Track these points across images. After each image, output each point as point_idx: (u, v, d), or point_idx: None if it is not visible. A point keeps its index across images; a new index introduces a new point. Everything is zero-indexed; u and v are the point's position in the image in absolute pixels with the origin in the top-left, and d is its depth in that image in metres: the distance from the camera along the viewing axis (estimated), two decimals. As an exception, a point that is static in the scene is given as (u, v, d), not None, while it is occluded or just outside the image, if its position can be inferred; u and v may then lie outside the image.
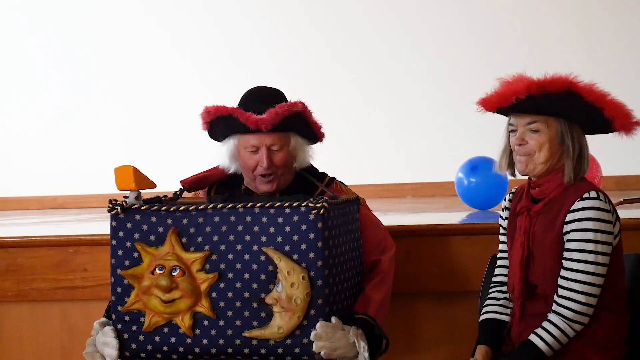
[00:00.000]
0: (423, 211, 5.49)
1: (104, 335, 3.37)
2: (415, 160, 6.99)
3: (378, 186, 5.04)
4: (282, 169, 3.49)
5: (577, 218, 3.14)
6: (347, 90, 6.88)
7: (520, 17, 6.99)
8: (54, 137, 7.40)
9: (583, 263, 3.12)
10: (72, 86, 7.45)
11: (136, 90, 7.41)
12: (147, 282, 3.30)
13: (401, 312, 3.83)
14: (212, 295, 3.27)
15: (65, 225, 5.46)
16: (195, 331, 3.29)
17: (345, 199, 3.43)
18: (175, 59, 7.41)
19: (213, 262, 3.28)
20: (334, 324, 3.22)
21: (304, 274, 3.20)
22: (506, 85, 3.20)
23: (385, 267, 3.50)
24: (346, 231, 3.36)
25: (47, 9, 7.56)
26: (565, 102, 3.14)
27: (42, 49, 7.51)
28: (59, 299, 4.23)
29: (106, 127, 7.40)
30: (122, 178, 3.40)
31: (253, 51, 7.30)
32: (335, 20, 7.23)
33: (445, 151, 6.81)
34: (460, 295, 3.95)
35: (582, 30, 6.93)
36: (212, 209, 3.30)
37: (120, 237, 3.34)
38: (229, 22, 7.38)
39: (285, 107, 3.40)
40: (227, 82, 7.11)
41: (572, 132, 3.18)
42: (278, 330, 3.23)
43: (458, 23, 7.05)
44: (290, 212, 3.22)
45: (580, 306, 3.12)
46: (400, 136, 7.08)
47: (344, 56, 7.18)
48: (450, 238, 3.97)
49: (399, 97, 7.09)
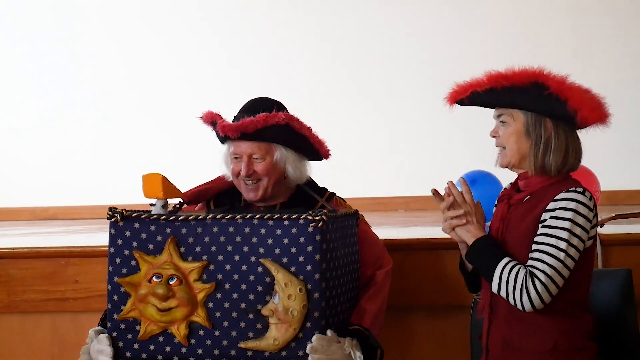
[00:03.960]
0: (415, 225, 5.49)
1: (98, 343, 3.37)
2: (407, 173, 7.00)
3: (370, 199, 5.05)
4: (265, 178, 3.51)
5: (560, 207, 3.10)
6: (337, 102, 6.90)
7: (517, 30, 7.04)
8: (45, 148, 7.38)
9: (554, 248, 3.08)
10: (63, 98, 7.43)
11: (127, 103, 7.40)
12: (144, 290, 3.31)
13: (393, 326, 3.83)
14: (209, 305, 3.28)
15: (57, 236, 5.46)
16: (190, 341, 3.30)
17: (344, 212, 3.45)
18: (168, 71, 7.39)
19: (210, 272, 3.29)
20: (330, 337, 3.24)
21: (301, 286, 3.21)
22: (473, 79, 3.22)
23: (380, 280, 3.52)
24: (344, 245, 3.38)
25: (38, 16, 7.53)
26: (529, 94, 3.14)
27: (33, 59, 7.49)
28: (49, 310, 4.22)
29: (98, 139, 7.38)
30: (150, 186, 3.41)
31: (241, 64, 7.32)
32: (325, 33, 7.25)
33: (436, 164, 6.83)
34: (452, 310, 3.95)
35: (580, 41, 6.98)
36: (211, 219, 3.32)
37: (119, 245, 3.35)
38: (227, 28, 7.39)
39: (263, 117, 3.43)
40: (220, 89, 7.15)
41: (539, 124, 3.15)
42: (274, 341, 3.24)
43: (451, 38, 7.09)
44: (289, 224, 3.24)
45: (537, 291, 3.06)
46: (391, 149, 7.10)
47: (334, 70, 7.20)
48: (443, 252, 3.97)
49: (391, 109, 7.11)
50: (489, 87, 3.18)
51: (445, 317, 4.00)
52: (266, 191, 3.53)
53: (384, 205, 6.70)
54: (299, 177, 3.58)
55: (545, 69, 3.18)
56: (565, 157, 3.17)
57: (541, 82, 3.14)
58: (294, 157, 3.54)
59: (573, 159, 3.19)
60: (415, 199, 6.89)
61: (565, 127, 3.17)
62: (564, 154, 3.17)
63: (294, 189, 3.61)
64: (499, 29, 7.05)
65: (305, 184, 3.61)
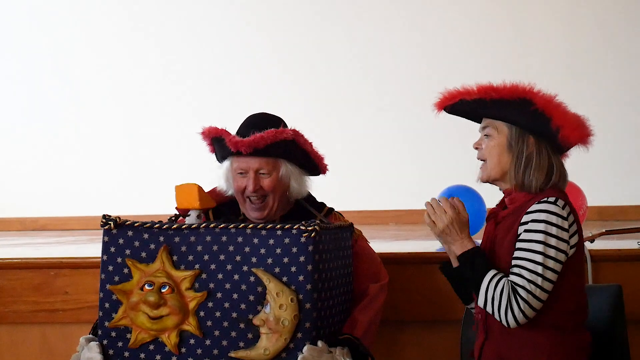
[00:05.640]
0: (406, 239, 5.50)
1: (89, 351, 3.36)
2: (398, 187, 6.99)
3: (361, 212, 5.06)
4: (271, 194, 3.52)
5: (531, 219, 3.12)
6: (328, 116, 6.91)
7: (504, 45, 7.07)
8: (35, 159, 7.37)
9: (530, 262, 3.08)
10: (55, 109, 7.42)
11: (119, 115, 7.39)
12: (136, 297, 3.31)
13: (383, 340, 3.83)
14: (200, 314, 3.28)
15: (47, 247, 5.46)
16: (181, 349, 3.29)
17: (338, 225, 3.46)
18: (162, 81, 7.38)
19: (202, 281, 3.29)
20: (321, 348, 3.24)
21: (293, 296, 3.22)
22: (463, 87, 3.25)
23: (373, 292, 3.52)
24: (337, 257, 3.39)
25: (36, 20, 7.54)
26: (515, 108, 3.16)
27: (23, 68, 7.47)
28: (39, 321, 4.21)
29: (89, 150, 7.37)
30: (184, 196, 3.40)
31: (232, 75, 7.33)
32: (316, 47, 7.27)
33: (428, 178, 6.83)
34: (442, 324, 3.95)
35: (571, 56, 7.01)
36: (204, 228, 3.32)
37: (112, 253, 3.35)
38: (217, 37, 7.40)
39: (273, 133, 3.44)
40: (212, 100, 7.16)
41: (522, 139, 3.18)
42: (264, 351, 3.24)
43: (443, 53, 7.11)
44: (282, 234, 3.25)
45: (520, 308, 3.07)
46: (382, 162, 7.10)
47: (325, 83, 7.22)
48: (434, 266, 3.96)
49: (382, 123, 7.12)
50: (478, 97, 3.22)
51: (435, 332, 4.00)
52: (271, 210, 3.54)
53: (375, 218, 6.70)
54: (300, 192, 3.60)
55: (535, 87, 3.20)
56: (547, 176, 3.19)
57: (529, 98, 3.17)
58: (297, 172, 3.56)
59: (557, 179, 3.20)
60: (407, 213, 6.90)
61: (548, 146, 3.19)
62: (546, 173, 3.18)
63: (292, 204, 3.63)
64: (493, 43, 7.08)
65: (305, 199, 3.63)
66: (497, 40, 7.08)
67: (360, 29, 7.22)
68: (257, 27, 7.34)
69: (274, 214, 3.57)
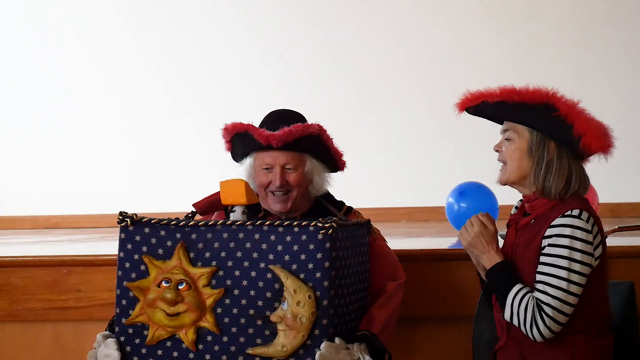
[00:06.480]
0: (417, 236, 5.50)
1: (106, 348, 3.35)
2: (410, 184, 6.98)
3: (372, 210, 5.06)
4: (296, 189, 3.53)
5: (555, 234, 3.12)
6: (339, 112, 6.88)
7: (517, 41, 7.06)
8: (48, 157, 7.36)
9: (555, 278, 3.09)
10: (66, 107, 7.40)
11: (130, 112, 7.37)
12: (153, 294, 3.30)
13: (395, 337, 3.83)
14: (217, 311, 3.28)
15: (59, 245, 5.44)
16: (198, 346, 3.29)
17: (356, 222, 3.46)
18: (171, 78, 7.35)
19: (219, 278, 3.29)
20: (338, 344, 3.24)
21: (310, 293, 3.22)
22: (485, 90, 3.25)
23: (390, 289, 3.53)
24: (354, 254, 3.39)
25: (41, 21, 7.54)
26: (537, 114, 3.16)
27: (34, 67, 7.46)
28: (52, 319, 4.22)
29: (100, 148, 7.36)
30: (230, 192, 3.39)
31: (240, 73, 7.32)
32: (327, 43, 7.25)
33: (439, 175, 6.82)
34: (455, 321, 3.96)
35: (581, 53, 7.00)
36: (221, 225, 3.32)
37: (128, 250, 3.35)
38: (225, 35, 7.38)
39: (301, 127, 3.46)
40: (220, 98, 7.15)
41: (543, 144, 3.17)
42: (282, 348, 3.24)
43: (452, 49, 7.10)
44: (299, 231, 3.25)
45: (545, 324, 3.09)
46: (394, 159, 7.08)
47: (336, 80, 7.19)
48: (445, 263, 3.99)
49: (393, 120, 7.09)
50: (500, 100, 3.21)
51: (447, 328, 4.00)
52: (294, 202, 3.55)
53: (386, 215, 6.68)
54: (321, 188, 3.61)
55: (558, 92, 3.19)
56: (567, 183, 3.18)
57: (552, 103, 3.16)
58: (320, 168, 3.58)
59: (577, 186, 3.20)
60: (418, 210, 6.89)
61: (568, 153, 3.18)
62: (566, 180, 3.18)
63: (312, 202, 3.63)
64: (501, 43, 7.07)
65: (323, 197, 3.64)
66: (507, 36, 7.07)
67: (374, 25, 7.21)
68: (273, 23, 7.33)
69: (296, 209, 3.57)
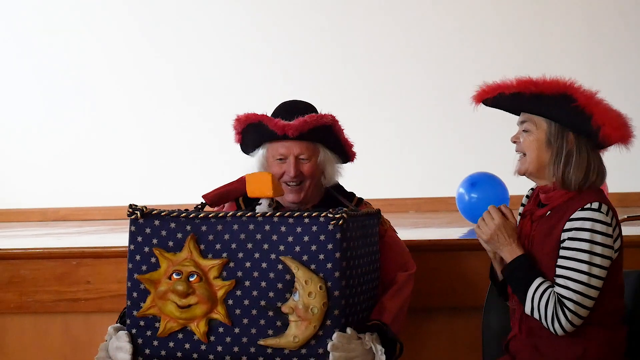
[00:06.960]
0: (426, 226, 5.49)
1: (117, 340, 3.35)
2: (418, 174, 6.98)
3: (380, 201, 5.05)
4: (309, 180, 3.54)
5: (575, 227, 3.11)
6: (348, 104, 6.86)
7: (524, 33, 7.04)
8: (56, 149, 7.37)
9: (576, 272, 3.09)
10: (76, 100, 7.41)
11: (138, 104, 7.38)
12: (164, 287, 3.30)
13: (405, 328, 3.84)
14: (228, 303, 3.27)
15: (68, 237, 5.44)
16: (210, 338, 3.29)
17: (366, 212, 3.45)
18: (179, 74, 7.37)
19: (230, 270, 3.28)
20: (350, 335, 3.23)
21: (322, 284, 3.21)
22: (502, 81, 3.23)
23: (401, 280, 3.53)
24: (365, 244, 3.38)
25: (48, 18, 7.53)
26: (555, 105, 3.14)
27: (41, 61, 7.47)
28: (61, 311, 4.22)
29: (109, 140, 7.37)
30: (257, 185, 3.37)
31: (247, 67, 7.31)
32: (336, 36, 7.25)
33: (448, 166, 6.82)
34: (464, 311, 3.96)
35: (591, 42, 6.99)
36: (231, 216, 3.31)
37: (139, 242, 3.35)
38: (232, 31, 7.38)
39: (315, 117, 3.46)
40: (228, 94, 7.15)
41: (562, 135, 3.16)
42: (294, 339, 3.23)
43: (461, 41, 7.09)
44: (309, 222, 3.24)
45: (567, 319, 3.09)
46: (402, 150, 7.09)
47: (345, 72, 7.20)
48: (454, 254, 3.99)
49: (401, 111, 7.10)
50: (517, 91, 3.19)
51: (457, 319, 4.01)
52: (307, 193, 3.56)
53: (395, 206, 6.68)
54: (332, 179, 3.61)
55: (576, 82, 3.17)
56: (586, 174, 3.17)
57: (570, 94, 3.14)
58: (332, 158, 3.57)
59: (595, 177, 3.19)
60: (426, 201, 6.90)
61: (587, 143, 3.17)
62: (585, 171, 3.17)
63: (323, 193, 3.63)
64: (510, 34, 7.06)
65: (334, 188, 3.63)
66: (518, 29, 7.06)
67: (384, 18, 7.21)
68: (283, 17, 7.33)
69: (308, 200, 3.57)
